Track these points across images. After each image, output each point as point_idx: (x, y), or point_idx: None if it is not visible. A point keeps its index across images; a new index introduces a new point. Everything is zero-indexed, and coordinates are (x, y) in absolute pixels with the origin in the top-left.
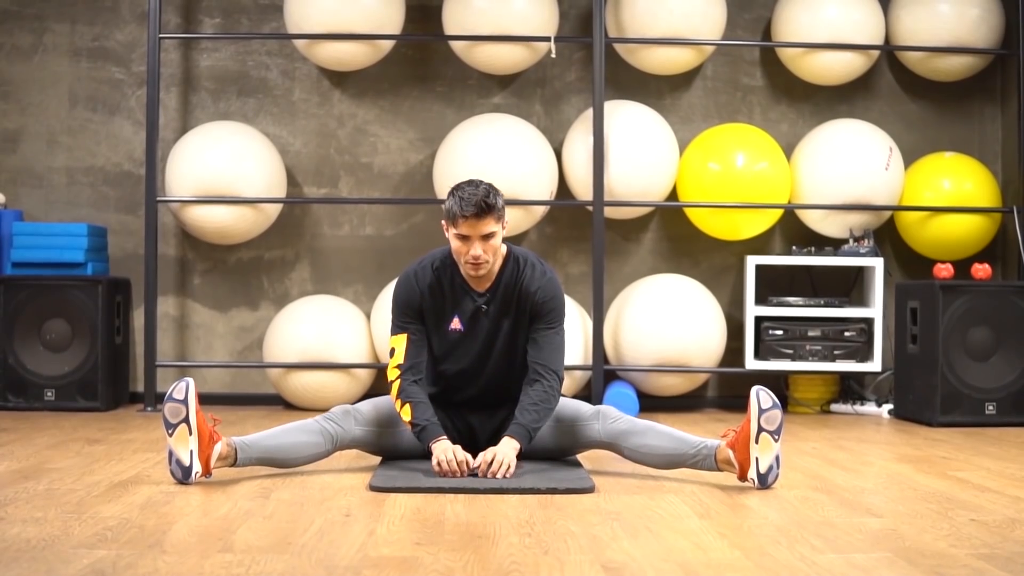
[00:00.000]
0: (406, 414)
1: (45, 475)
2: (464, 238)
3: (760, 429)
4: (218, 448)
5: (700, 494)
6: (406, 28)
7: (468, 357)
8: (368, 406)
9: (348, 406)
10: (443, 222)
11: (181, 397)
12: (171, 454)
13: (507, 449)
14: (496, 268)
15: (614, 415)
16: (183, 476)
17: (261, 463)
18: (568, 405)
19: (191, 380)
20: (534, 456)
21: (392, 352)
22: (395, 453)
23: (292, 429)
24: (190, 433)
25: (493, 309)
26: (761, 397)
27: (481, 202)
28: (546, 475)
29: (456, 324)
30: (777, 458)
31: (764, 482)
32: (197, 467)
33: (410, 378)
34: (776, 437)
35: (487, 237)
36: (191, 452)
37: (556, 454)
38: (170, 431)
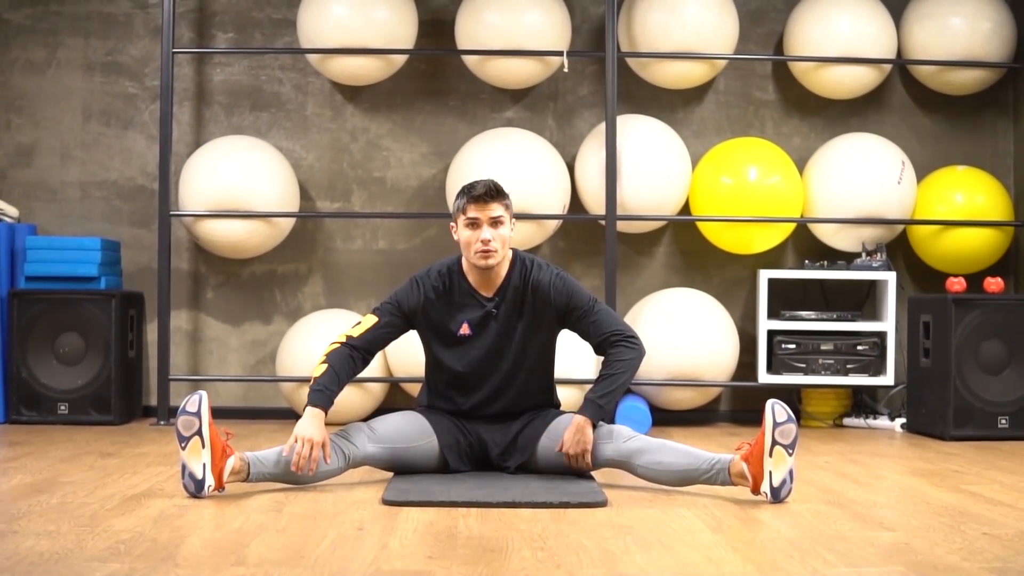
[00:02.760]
0: (316, 371)
1: (58, 488)
2: (474, 223)
3: (774, 442)
4: (231, 462)
5: (713, 508)
6: (419, 43)
7: (478, 360)
8: (382, 424)
9: (361, 423)
10: (451, 224)
11: (194, 410)
12: (184, 467)
13: (577, 433)
14: (503, 271)
15: (627, 434)
16: (195, 489)
17: (273, 479)
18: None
19: (204, 393)
20: (546, 473)
21: (358, 323)
22: (408, 471)
23: None
24: (203, 446)
25: (503, 312)
26: (776, 410)
27: (490, 185)
28: (558, 489)
29: (465, 329)
30: (791, 472)
31: (777, 496)
32: (210, 480)
33: (347, 351)
34: (790, 451)
35: (496, 223)
36: (204, 465)
37: (567, 473)
38: (183, 444)
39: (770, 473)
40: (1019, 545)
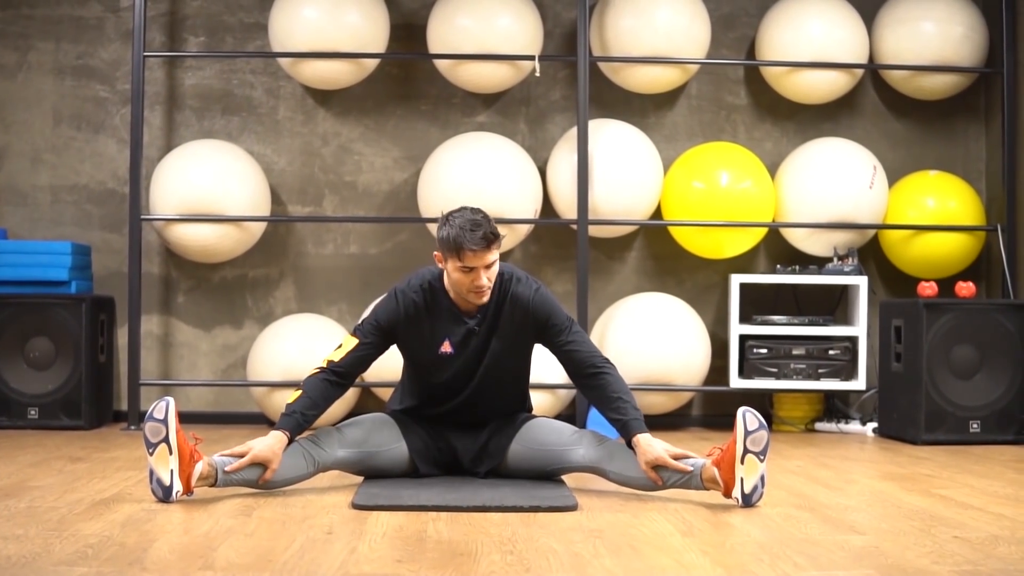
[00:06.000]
0: (291, 398)
1: (27, 493)
2: (469, 270)
3: (746, 451)
4: (199, 468)
5: (683, 512)
6: (390, 47)
7: (456, 374)
8: (352, 428)
9: (331, 428)
10: (437, 253)
11: (161, 416)
12: (152, 473)
13: (656, 444)
14: None
15: (598, 438)
16: (163, 495)
17: (242, 484)
18: (551, 428)
19: (171, 399)
20: (516, 477)
21: (339, 346)
22: (378, 475)
23: None
24: (170, 452)
25: (484, 329)
26: (748, 419)
27: (489, 234)
28: (529, 493)
29: (447, 347)
30: (762, 477)
31: (748, 501)
32: (177, 486)
33: (324, 376)
34: (762, 458)
35: (490, 266)
36: (171, 471)
37: (538, 478)
38: (150, 450)
39: (741, 479)
40: (989, 548)
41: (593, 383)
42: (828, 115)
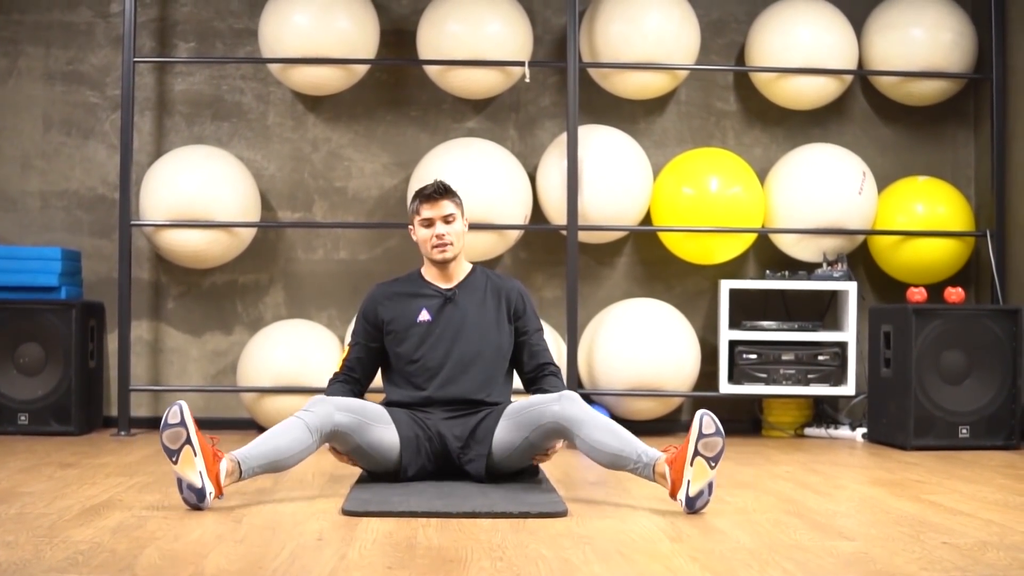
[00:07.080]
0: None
1: (17, 499)
2: (428, 223)
3: (696, 453)
4: (224, 465)
5: (672, 517)
6: (380, 52)
7: (436, 343)
8: (345, 401)
9: (322, 396)
10: (410, 226)
11: (177, 420)
12: (180, 481)
13: None
14: (463, 269)
15: (577, 400)
16: (198, 500)
17: (264, 471)
18: (535, 397)
19: (183, 403)
20: (503, 461)
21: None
22: (372, 456)
23: (278, 432)
24: (195, 454)
25: (462, 300)
26: (704, 422)
27: (439, 185)
28: (519, 499)
29: (424, 316)
30: (710, 485)
31: (692, 506)
32: (209, 487)
33: (335, 380)
34: (713, 464)
35: (448, 220)
36: (200, 473)
37: (521, 454)
38: (174, 458)
39: (688, 482)
40: (978, 554)
41: (543, 375)
42: (817, 121)
